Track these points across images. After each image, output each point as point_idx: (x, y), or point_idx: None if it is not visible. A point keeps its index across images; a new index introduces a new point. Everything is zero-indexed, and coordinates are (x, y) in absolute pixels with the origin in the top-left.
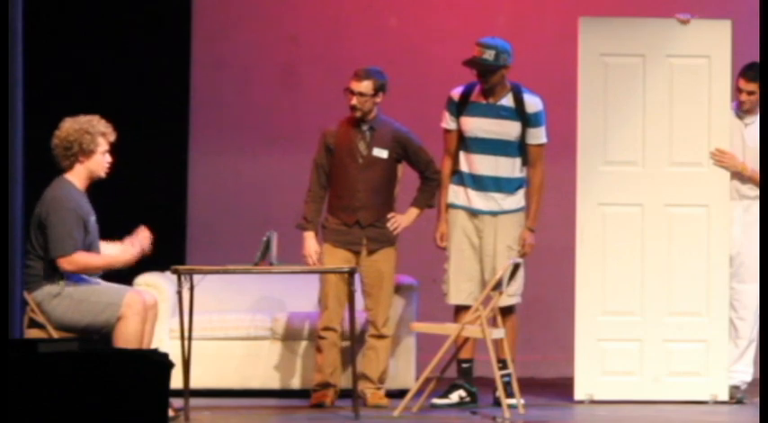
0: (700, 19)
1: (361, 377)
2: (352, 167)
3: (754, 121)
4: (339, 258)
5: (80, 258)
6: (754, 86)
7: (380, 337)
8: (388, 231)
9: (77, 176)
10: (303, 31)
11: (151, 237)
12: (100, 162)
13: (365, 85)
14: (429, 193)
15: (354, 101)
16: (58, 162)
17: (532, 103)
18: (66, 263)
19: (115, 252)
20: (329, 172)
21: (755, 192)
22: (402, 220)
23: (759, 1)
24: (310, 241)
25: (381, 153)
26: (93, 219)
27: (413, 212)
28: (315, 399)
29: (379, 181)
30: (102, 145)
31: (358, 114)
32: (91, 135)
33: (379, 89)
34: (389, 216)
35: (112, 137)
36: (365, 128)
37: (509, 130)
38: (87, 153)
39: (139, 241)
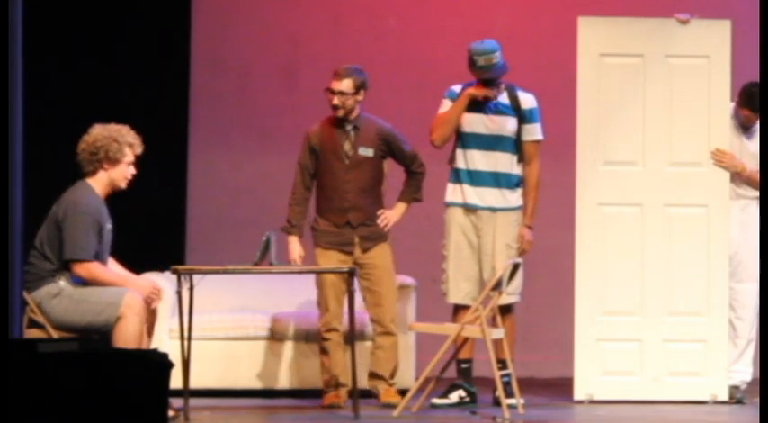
0: (699, 19)
1: (373, 376)
2: (339, 168)
3: (754, 127)
4: (333, 260)
5: (93, 268)
6: (748, 113)
7: (388, 334)
8: (379, 228)
9: (99, 183)
10: (303, 32)
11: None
12: (123, 172)
13: (345, 84)
14: (415, 186)
15: (336, 100)
16: (82, 166)
17: (527, 100)
18: (79, 267)
19: (134, 277)
20: (315, 173)
21: (752, 192)
22: (391, 215)
23: (759, 1)
24: (294, 245)
25: (367, 152)
26: (108, 227)
27: (401, 207)
28: (327, 400)
29: (367, 180)
30: (129, 156)
31: (340, 114)
32: (118, 144)
33: (360, 87)
34: (379, 213)
35: (139, 149)
36: (349, 127)
37: (505, 125)
38: (112, 161)
39: (161, 291)
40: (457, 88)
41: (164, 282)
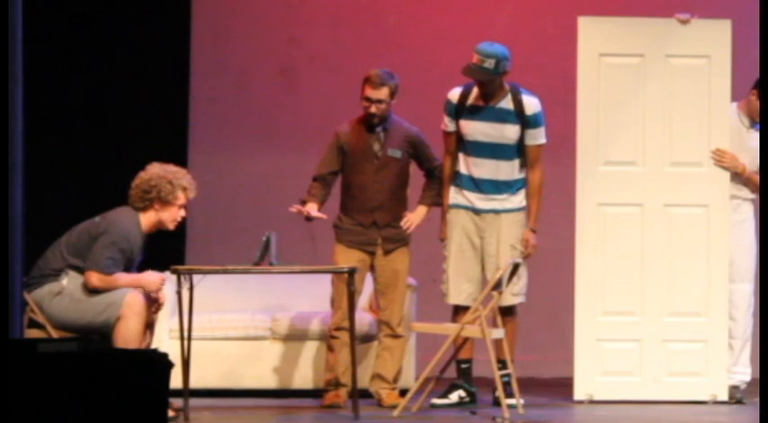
0: (700, 19)
1: (376, 377)
2: (368, 168)
3: (755, 124)
4: (353, 259)
5: (108, 278)
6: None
7: (395, 336)
8: (403, 231)
9: (146, 220)
10: (303, 32)
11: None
12: (173, 214)
13: (383, 92)
14: (436, 190)
15: (374, 109)
16: (133, 201)
17: (531, 105)
18: (96, 278)
19: (143, 275)
20: (337, 173)
21: (745, 193)
22: (414, 218)
23: (759, 1)
24: (310, 204)
25: (395, 153)
26: (137, 259)
27: (422, 210)
28: (328, 399)
29: (394, 181)
30: (181, 199)
31: (376, 121)
32: (172, 186)
33: (395, 92)
34: (403, 214)
35: (193, 194)
36: (379, 129)
37: (508, 133)
38: (164, 202)
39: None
40: (454, 97)
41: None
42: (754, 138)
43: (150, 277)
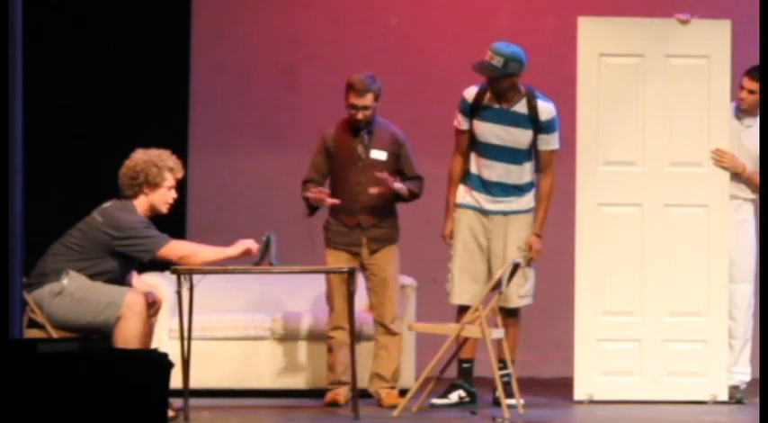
0: (699, 19)
1: (375, 376)
2: (352, 170)
3: (753, 124)
4: (342, 261)
5: (182, 246)
6: (755, 85)
7: (391, 334)
8: (388, 231)
9: (140, 206)
10: (303, 32)
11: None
12: (164, 196)
13: (368, 99)
14: (415, 186)
15: (360, 116)
16: (122, 190)
17: (546, 110)
18: (170, 250)
19: (226, 249)
20: (327, 174)
21: (746, 193)
22: (396, 183)
23: (759, 1)
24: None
25: (380, 155)
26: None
27: (403, 185)
28: (328, 398)
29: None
30: (169, 180)
31: (362, 125)
32: (158, 168)
33: (379, 95)
34: (379, 175)
35: (180, 173)
36: (363, 132)
37: (520, 138)
38: (152, 186)
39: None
40: (469, 96)
41: (163, 282)
42: (750, 139)
43: (236, 250)
